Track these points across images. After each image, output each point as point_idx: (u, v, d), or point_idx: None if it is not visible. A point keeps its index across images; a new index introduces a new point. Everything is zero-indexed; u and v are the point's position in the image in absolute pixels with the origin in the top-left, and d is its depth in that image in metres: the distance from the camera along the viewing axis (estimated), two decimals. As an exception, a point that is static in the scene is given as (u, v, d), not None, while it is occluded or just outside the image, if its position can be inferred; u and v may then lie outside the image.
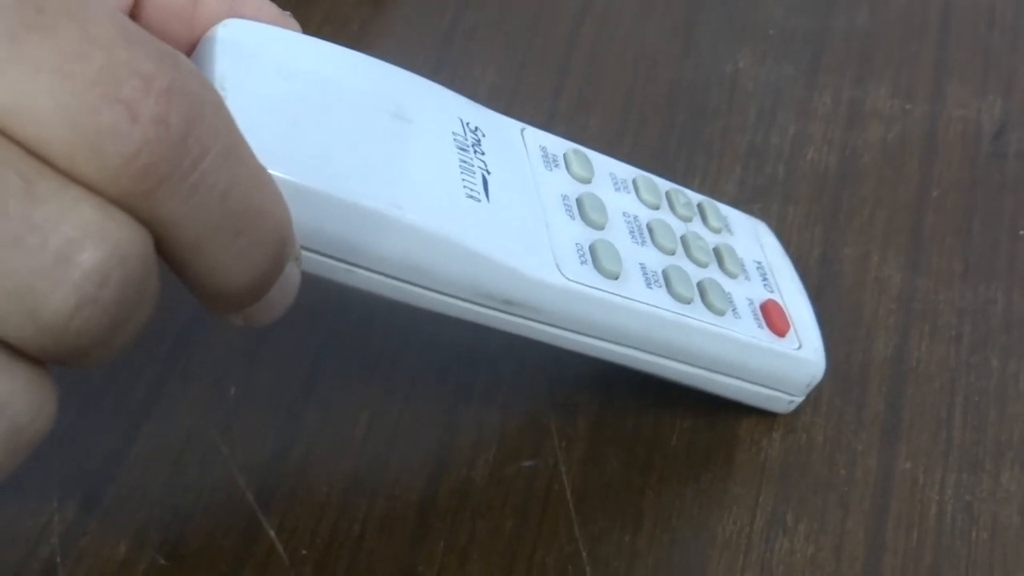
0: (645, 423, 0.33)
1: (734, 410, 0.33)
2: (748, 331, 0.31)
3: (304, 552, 0.31)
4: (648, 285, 0.30)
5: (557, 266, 0.29)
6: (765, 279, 0.33)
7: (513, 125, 0.32)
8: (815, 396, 0.34)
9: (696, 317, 0.31)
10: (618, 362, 0.31)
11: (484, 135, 0.30)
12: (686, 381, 0.32)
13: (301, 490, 0.32)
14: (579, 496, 0.32)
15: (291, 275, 0.25)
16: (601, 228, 0.31)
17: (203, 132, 0.21)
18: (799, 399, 0.33)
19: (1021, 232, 0.38)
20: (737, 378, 0.32)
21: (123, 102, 0.20)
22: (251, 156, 0.22)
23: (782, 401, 0.33)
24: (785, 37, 0.44)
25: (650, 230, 0.32)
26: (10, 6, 0.19)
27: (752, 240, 0.34)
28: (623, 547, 0.31)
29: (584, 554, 0.31)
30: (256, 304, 0.25)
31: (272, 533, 0.32)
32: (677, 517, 0.32)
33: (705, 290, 0.31)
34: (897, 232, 0.38)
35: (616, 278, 0.30)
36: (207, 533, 0.32)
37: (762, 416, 0.34)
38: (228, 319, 0.25)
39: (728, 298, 0.32)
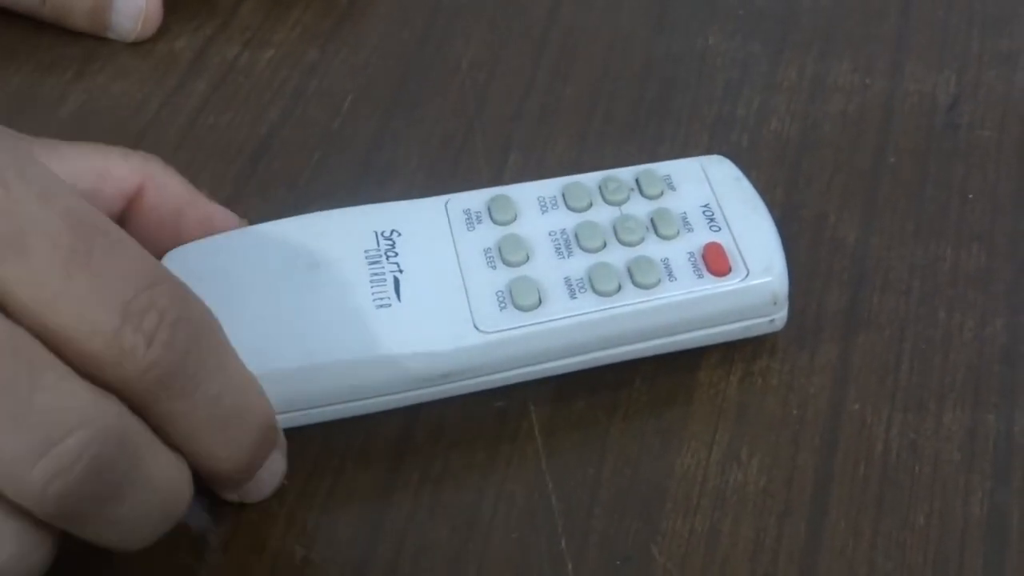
0: (610, 367, 0.35)
1: (695, 355, 0.35)
2: (687, 287, 0.33)
3: (285, 482, 0.33)
4: (572, 296, 0.33)
5: (475, 326, 0.33)
6: (712, 220, 0.35)
7: (436, 203, 0.36)
8: (771, 344, 0.36)
9: (626, 302, 0.33)
10: (580, 369, 0.34)
11: (400, 234, 0.34)
12: (655, 353, 0.34)
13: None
14: (547, 433, 0.34)
15: (277, 461, 0.32)
16: (521, 264, 0.34)
17: (201, 352, 0.27)
18: (779, 314, 0.35)
19: (970, 196, 0.40)
20: (698, 330, 0.34)
21: (143, 331, 0.25)
22: (239, 366, 0.28)
23: (761, 324, 0.35)
24: (753, 16, 0.46)
25: (577, 236, 0.34)
26: (68, 247, 0.25)
27: (699, 184, 0.36)
28: (587, 479, 0.33)
29: (550, 485, 0.33)
30: (248, 487, 0.31)
31: (256, 465, 0.33)
32: (638, 452, 0.34)
33: (634, 271, 0.34)
34: (853, 195, 0.40)
35: (537, 307, 0.33)
36: (195, 465, 0.34)
37: (721, 360, 0.35)
38: (224, 496, 0.32)
39: (662, 265, 0.34)
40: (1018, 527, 0.32)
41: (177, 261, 0.34)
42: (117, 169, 0.33)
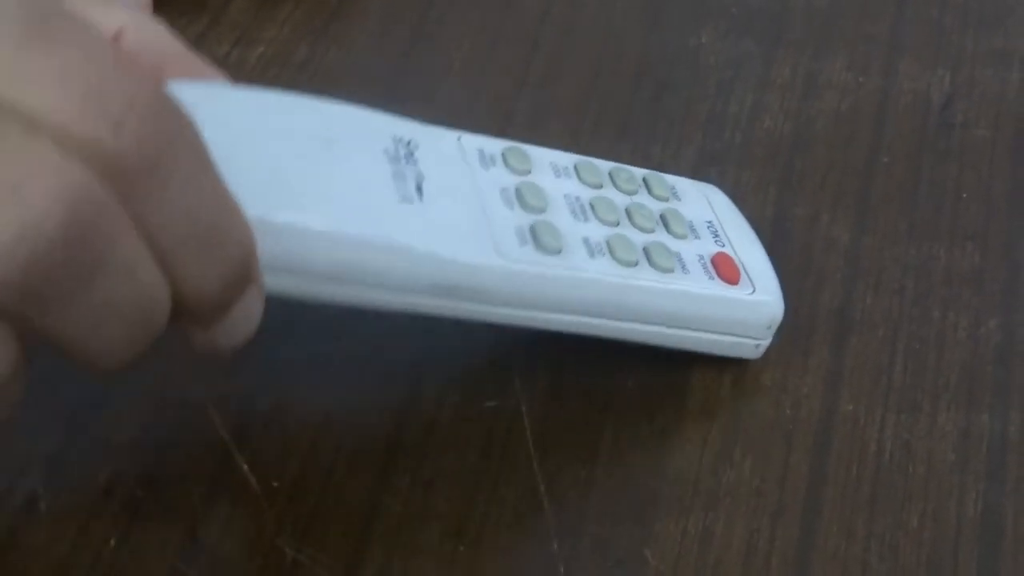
0: (603, 368, 0.34)
1: (688, 356, 0.35)
2: (698, 283, 0.33)
3: (275, 484, 0.33)
4: (592, 256, 0.32)
5: (497, 250, 0.30)
6: (716, 236, 0.35)
7: (449, 134, 0.33)
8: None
9: (643, 278, 0.32)
10: (577, 332, 0.33)
11: (418, 146, 0.32)
12: (650, 341, 0.34)
13: (274, 428, 0.33)
14: (539, 434, 0.34)
15: (252, 301, 0.27)
16: (541, 211, 0.32)
17: (176, 155, 0.23)
18: (765, 342, 0.35)
19: (964, 195, 0.40)
20: (697, 330, 0.34)
21: (110, 117, 0.22)
22: (218, 183, 0.25)
23: (748, 346, 0.35)
24: (747, 15, 0.46)
25: (592, 207, 0.33)
26: (20, 19, 0.22)
27: (701, 203, 0.36)
28: (579, 480, 0.33)
29: (542, 487, 0.33)
30: (220, 327, 0.27)
31: (245, 467, 0.33)
32: (631, 453, 0.33)
33: (651, 252, 0.33)
34: (847, 195, 0.40)
35: (558, 253, 0.31)
36: (182, 467, 0.33)
37: (714, 362, 0.35)
38: (194, 342, 0.27)
39: (675, 256, 0.33)
40: (1012, 527, 0.32)
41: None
42: (95, 15, 0.29)
